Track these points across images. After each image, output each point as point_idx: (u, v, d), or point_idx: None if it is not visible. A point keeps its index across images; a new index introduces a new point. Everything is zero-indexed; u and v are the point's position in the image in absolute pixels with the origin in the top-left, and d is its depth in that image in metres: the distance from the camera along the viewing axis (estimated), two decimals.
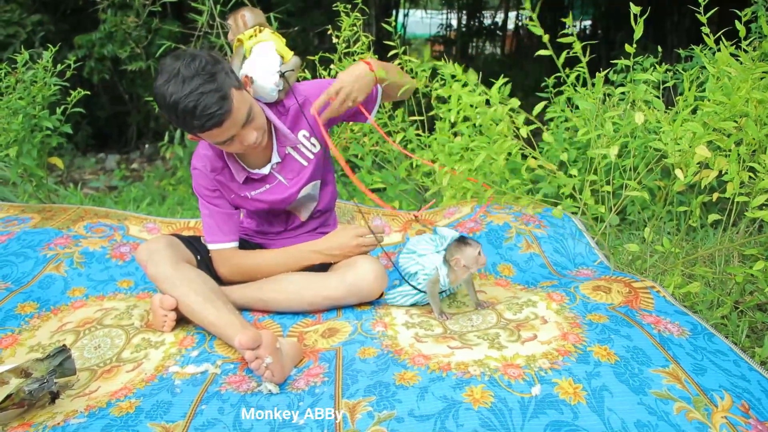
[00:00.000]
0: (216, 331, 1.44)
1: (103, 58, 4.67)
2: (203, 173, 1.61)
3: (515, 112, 1.74)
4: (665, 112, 1.78)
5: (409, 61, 2.57)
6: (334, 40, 2.52)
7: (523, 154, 1.79)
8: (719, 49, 1.68)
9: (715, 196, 1.65)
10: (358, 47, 2.52)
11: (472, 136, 2.19)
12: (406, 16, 9.16)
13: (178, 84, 1.33)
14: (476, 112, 1.62)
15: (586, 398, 1.12)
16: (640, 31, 1.63)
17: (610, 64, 2.27)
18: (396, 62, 2.54)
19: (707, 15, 1.70)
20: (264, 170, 1.63)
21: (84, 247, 1.92)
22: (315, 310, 1.60)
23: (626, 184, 1.77)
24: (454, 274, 1.50)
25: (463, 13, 10.10)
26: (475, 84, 1.61)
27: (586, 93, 1.84)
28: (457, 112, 1.61)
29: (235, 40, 1.64)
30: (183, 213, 2.97)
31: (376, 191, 2.92)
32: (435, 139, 2.41)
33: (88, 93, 2.56)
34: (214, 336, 1.47)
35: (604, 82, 1.82)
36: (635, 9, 1.63)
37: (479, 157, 1.67)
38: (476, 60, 9.53)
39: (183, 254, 1.59)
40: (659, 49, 2.40)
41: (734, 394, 1.14)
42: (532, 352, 1.28)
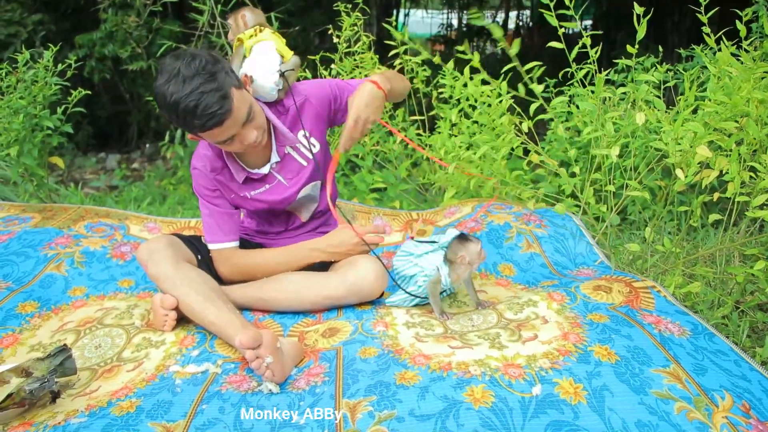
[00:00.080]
0: (216, 331, 1.44)
1: (104, 58, 4.67)
2: (203, 173, 1.61)
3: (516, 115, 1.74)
4: (666, 112, 1.79)
5: (410, 61, 2.58)
6: (335, 40, 2.52)
7: (526, 149, 1.79)
8: (720, 49, 1.68)
9: (716, 195, 1.65)
10: (358, 47, 2.53)
11: (474, 135, 2.19)
12: (406, 15, 9.16)
13: (179, 84, 1.32)
14: (480, 101, 1.62)
15: (587, 398, 1.12)
16: (643, 32, 1.63)
17: (611, 64, 2.27)
18: (397, 62, 2.54)
19: (708, 15, 1.70)
20: (263, 170, 1.63)
21: (85, 247, 1.93)
22: (315, 309, 1.60)
23: (627, 184, 1.77)
24: (456, 273, 1.50)
25: (464, 12, 10.10)
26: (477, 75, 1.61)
27: (587, 93, 1.84)
28: (458, 105, 1.61)
29: (235, 40, 1.64)
30: (184, 213, 2.96)
31: (377, 191, 2.92)
32: (438, 134, 2.41)
33: (89, 92, 2.56)
34: (215, 335, 1.47)
35: (604, 82, 1.82)
36: (639, 9, 1.63)
37: (482, 147, 1.67)
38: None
39: (184, 254, 1.59)
40: (660, 49, 2.40)
41: (735, 394, 1.14)
42: (533, 352, 1.28)
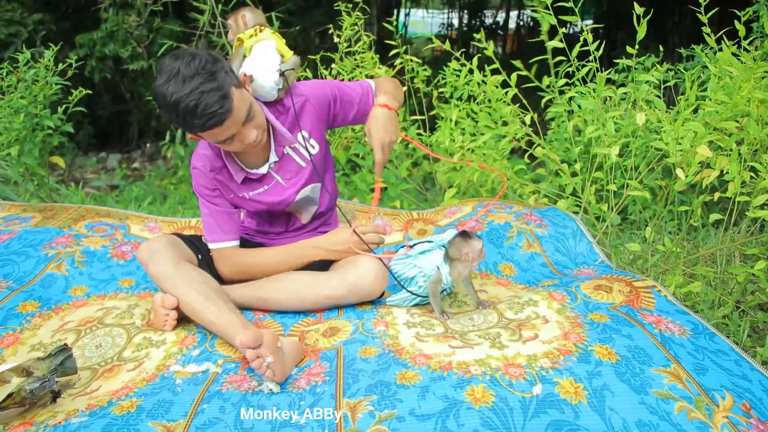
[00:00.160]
0: (217, 330, 1.44)
1: (105, 58, 4.67)
2: (203, 173, 1.61)
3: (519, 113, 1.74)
4: (667, 111, 1.78)
5: (411, 60, 2.58)
6: (336, 40, 2.52)
7: (528, 147, 1.79)
8: (720, 49, 1.68)
9: (717, 195, 1.65)
10: (359, 47, 2.52)
11: (475, 135, 2.19)
12: (407, 15, 9.16)
13: (179, 83, 1.32)
14: (486, 90, 1.62)
15: (588, 398, 1.12)
16: (643, 32, 1.63)
17: (612, 64, 2.27)
18: (397, 61, 2.55)
19: (708, 15, 1.70)
20: (262, 170, 1.63)
21: (85, 246, 1.93)
22: (316, 309, 1.60)
23: (628, 184, 1.77)
24: (457, 271, 1.50)
25: (465, 12, 10.09)
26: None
27: (588, 92, 1.84)
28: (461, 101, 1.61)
29: (235, 40, 1.64)
30: (184, 212, 2.96)
31: None
32: (440, 130, 2.41)
33: (90, 92, 2.57)
34: (215, 335, 1.47)
35: (605, 82, 1.82)
36: (639, 9, 1.63)
37: (486, 135, 1.67)
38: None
39: (184, 253, 1.59)
40: (660, 49, 2.39)
41: (735, 394, 1.14)
42: (534, 352, 1.28)
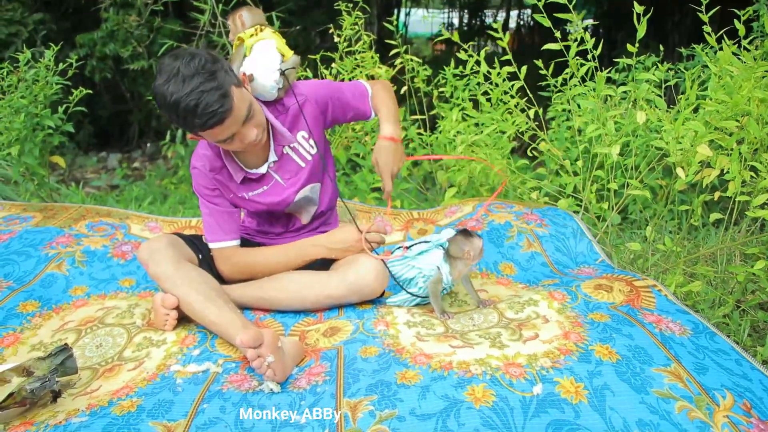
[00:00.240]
0: (217, 330, 1.44)
1: (105, 57, 4.67)
2: (202, 172, 1.61)
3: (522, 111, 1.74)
4: (667, 111, 1.78)
5: (411, 60, 2.58)
6: (336, 39, 2.52)
7: (532, 136, 1.79)
8: (721, 48, 1.67)
9: (717, 195, 1.65)
10: (359, 46, 2.52)
11: (478, 125, 2.19)
12: (407, 15, 9.15)
13: (179, 83, 1.32)
14: (493, 83, 1.62)
15: (588, 397, 1.12)
16: (643, 31, 1.63)
17: (612, 63, 2.27)
18: (397, 61, 2.54)
19: (708, 14, 1.70)
20: (261, 170, 1.63)
21: (85, 246, 1.93)
22: (316, 308, 1.60)
23: (628, 183, 1.77)
24: (457, 270, 1.50)
25: (465, 12, 10.10)
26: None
27: (588, 91, 1.84)
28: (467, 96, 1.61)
29: (235, 40, 1.64)
30: (184, 212, 2.97)
31: (377, 190, 2.92)
32: (442, 129, 2.41)
33: (90, 92, 2.56)
34: (216, 335, 1.47)
35: (605, 81, 1.82)
36: (639, 8, 1.63)
37: (488, 128, 1.67)
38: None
39: (184, 253, 1.59)
40: (661, 48, 2.39)
41: (736, 393, 1.14)
42: (534, 351, 1.28)
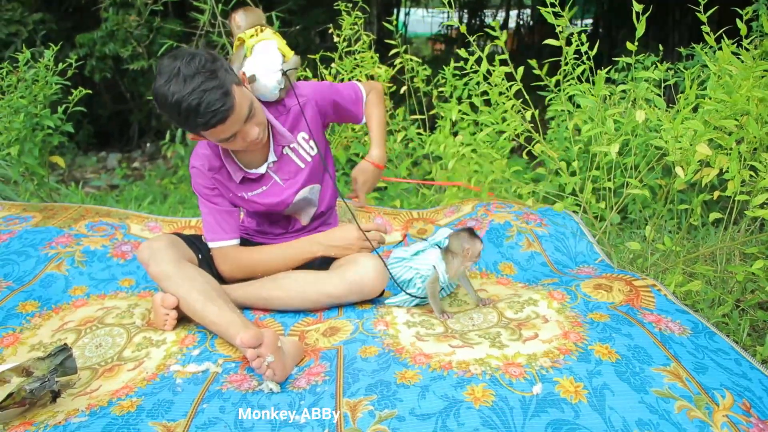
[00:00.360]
0: (217, 330, 1.44)
1: (105, 57, 4.67)
2: (201, 172, 1.61)
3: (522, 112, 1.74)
4: (666, 110, 1.78)
5: (411, 60, 2.58)
6: (335, 39, 2.52)
7: (529, 138, 1.79)
8: (720, 48, 1.67)
9: (716, 194, 1.65)
10: (359, 46, 2.52)
11: (475, 134, 2.19)
12: (407, 14, 9.16)
13: (180, 83, 1.32)
14: (491, 81, 1.63)
15: (588, 397, 1.12)
16: (642, 29, 1.63)
17: (612, 62, 2.27)
18: (397, 61, 2.54)
19: (707, 14, 1.70)
20: (260, 169, 1.63)
21: (85, 246, 1.93)
22: (316, 308, 1.60)
23: (627, 182, 1.77)
24: (453, 268, 1.50)
25: (465, 11, 10.09)
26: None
27: (588, 91, 1.84)
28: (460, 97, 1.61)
29: (235, 40, 1.64)
30: (184, 212, 2.97)
31: (377, 190, 2.93)
32: (439, 132, 2.41)
33: (90, 92, 2.57)
34: (216, 335, 1.47)
35: (605, 80, 1.82)
36: (638, 7, 1.62)
37: (485, 130, 1.67)
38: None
39: (184, 253, 1.59)
40: (660, 48, 2.39)
41: (735, 393, 1.14)
42: (534, 351, 1.28)
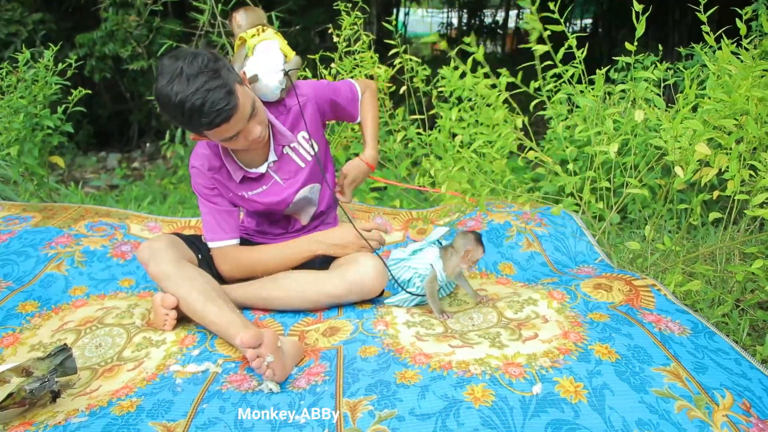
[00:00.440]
0: (217, 330, 1.44)
1: (105, 57, 4.67)
2: (201, 172, 1.61)
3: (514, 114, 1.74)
4: (666, 109, 1.78)
5: (410, 60, 2.58)
6: (335, 39, 2.52)
7: (521, 145, 1.79)
8: (720, 48, 1.67)
9: (716, 194, 1.65)
10: (358, 46, 2.52)
11: (472, 134, 2.19)
12: (407, 14, 9.16)
13: (183, 83, 1.32)
14: (477, 93, 1.63)
15: (587, 397, 1.12)
16: (642, 29, 1.63)
17: (612, 62, 2.27)
18: (396, 61, 2.54)
19: (707, 13, 1.70)
20: (261, 169, 1.63)
21: (85, 246, 1.93)
22: (316, 308, 1.60)
23: (627, 182, 1.77)
24: (450, 267, 1.50)
25: (464, 11, 10.10)
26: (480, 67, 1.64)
27: (587, 90, 1.84)
28: (456, 99, 1.61)
29: (236, 40, 1.64)
30: (184, 212, 2.97)
31: (377, 190, 2.93)
32: (435, 138, 2.40)
33: (90, 92, 2.56)
34: (215, 335, 1.47)
35: (605, 80, 1.82)
36: (638, 7, 1.62)
37: (478, 140, 1.67)
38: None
39: (184, 253, 1.59)
40: (660, 47, 2.39)
41: (735, 393, 1.14)
42: (533, 351, 1.28)
